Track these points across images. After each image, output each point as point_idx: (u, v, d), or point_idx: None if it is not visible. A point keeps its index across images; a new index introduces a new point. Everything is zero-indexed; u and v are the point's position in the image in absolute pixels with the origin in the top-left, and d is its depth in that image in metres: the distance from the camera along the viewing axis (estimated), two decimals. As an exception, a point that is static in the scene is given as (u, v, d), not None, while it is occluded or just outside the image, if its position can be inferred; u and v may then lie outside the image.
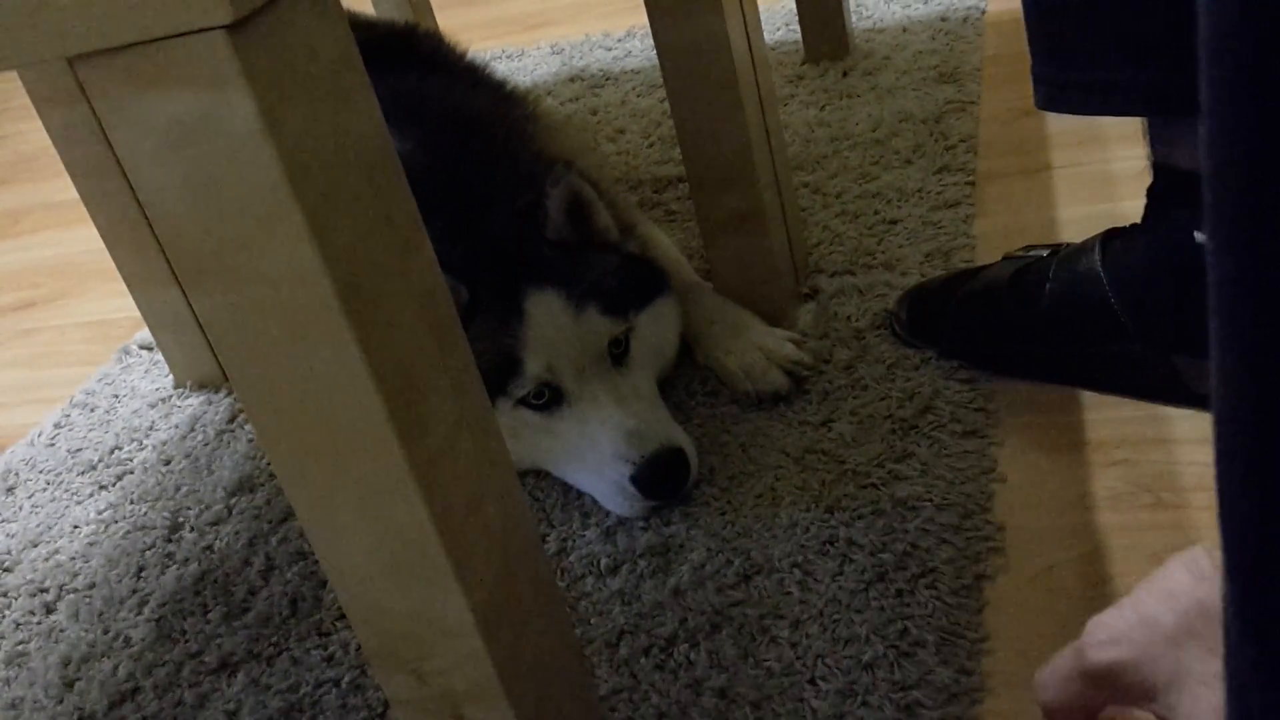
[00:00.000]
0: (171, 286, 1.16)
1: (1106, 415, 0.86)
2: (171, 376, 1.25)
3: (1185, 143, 0.77)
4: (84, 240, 1.68)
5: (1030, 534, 0.78)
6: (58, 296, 1.61)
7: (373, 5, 1.81)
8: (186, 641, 0.88)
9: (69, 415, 1.25)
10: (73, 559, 1.02)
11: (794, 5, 1.54)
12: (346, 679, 0.80)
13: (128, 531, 1.03)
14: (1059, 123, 1.24)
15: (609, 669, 0.75)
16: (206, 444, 1.13)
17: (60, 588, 0.98)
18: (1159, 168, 0.80)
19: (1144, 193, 0.82)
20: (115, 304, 1.49)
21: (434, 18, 1.85)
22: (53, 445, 1.20)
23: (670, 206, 1.31)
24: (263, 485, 1.04)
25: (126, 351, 1.35)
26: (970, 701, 0.67)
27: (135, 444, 1.16)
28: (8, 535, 1.08)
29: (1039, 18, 0.78)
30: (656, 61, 0.97)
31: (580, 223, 0.94)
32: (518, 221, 0.93)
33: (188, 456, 1.12)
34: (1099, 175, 1.14)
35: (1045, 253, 0.91)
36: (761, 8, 1.10)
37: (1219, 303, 0.34)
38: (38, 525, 1.08)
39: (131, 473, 1.12)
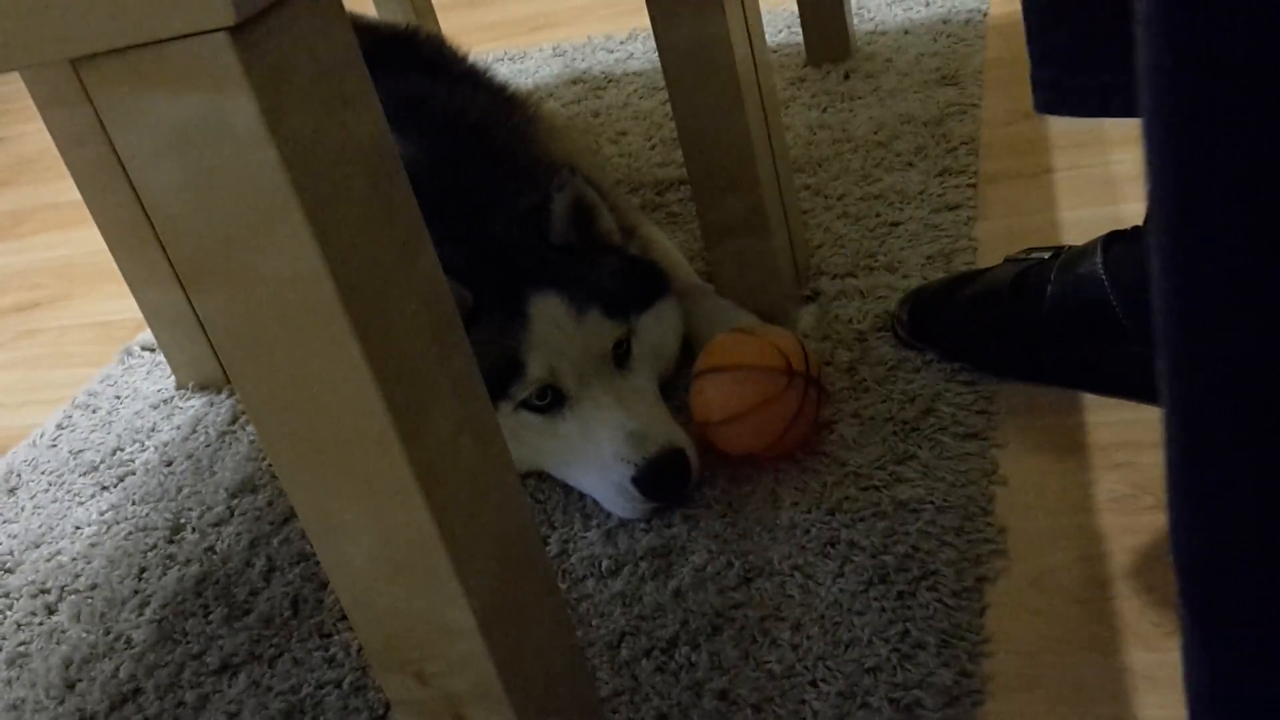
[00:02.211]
0: (173, 287, 1.16)
1: (1108, 418, 0.86)
2: (173, 378, 1.25)
3: None
4: (86, 241, 1.68)
5: (1031, 536, 0.78)
6: (60, 297, 1.61)
7: (375, 8, 1.81)
8: (188, 643, 0.88)
9: (71, 416, 1.25)
10: (74, 560, 1.02)
11: (796, 8, 1.55)
12: (348, 680, 0.80)
13: (129, 533, 1.03)
14: (1060, 125, 1.24)
15: (610, 671, 0.75)
16: (208, 445, 1.13)
17: (62, 589, 0.98)
18: (1160, 170, 0.80)
19: (1145, 195, 0.82)
20: (117, 305, 1.49)
21: (436, 20, 1.85)
22: (55, 446, 1.21)
23: (672, 209, 1.31)
24: (264, 486, 1.04)
25: (128, 352, 1.35)
26: (971, 703, 0.67)
27: (137, 445, 1.16)
28: (9, 536, 1.08)
29: (1038, 23, 0.78)
30: (658, 64, 0.97)
31: (583, 226, 0.94)
32: (520, 224, 0.93)
33: (189, 458, 1.12)
34: (1101, 178, 1.14)
35: (1047, 255, 0.91)
36: (763, 10, 1.10)
37: (1155, 276, 0.36)
38: (39, 526, 1.08)
39: (133, 474, 1.12)
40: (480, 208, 0.94)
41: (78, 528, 1.06)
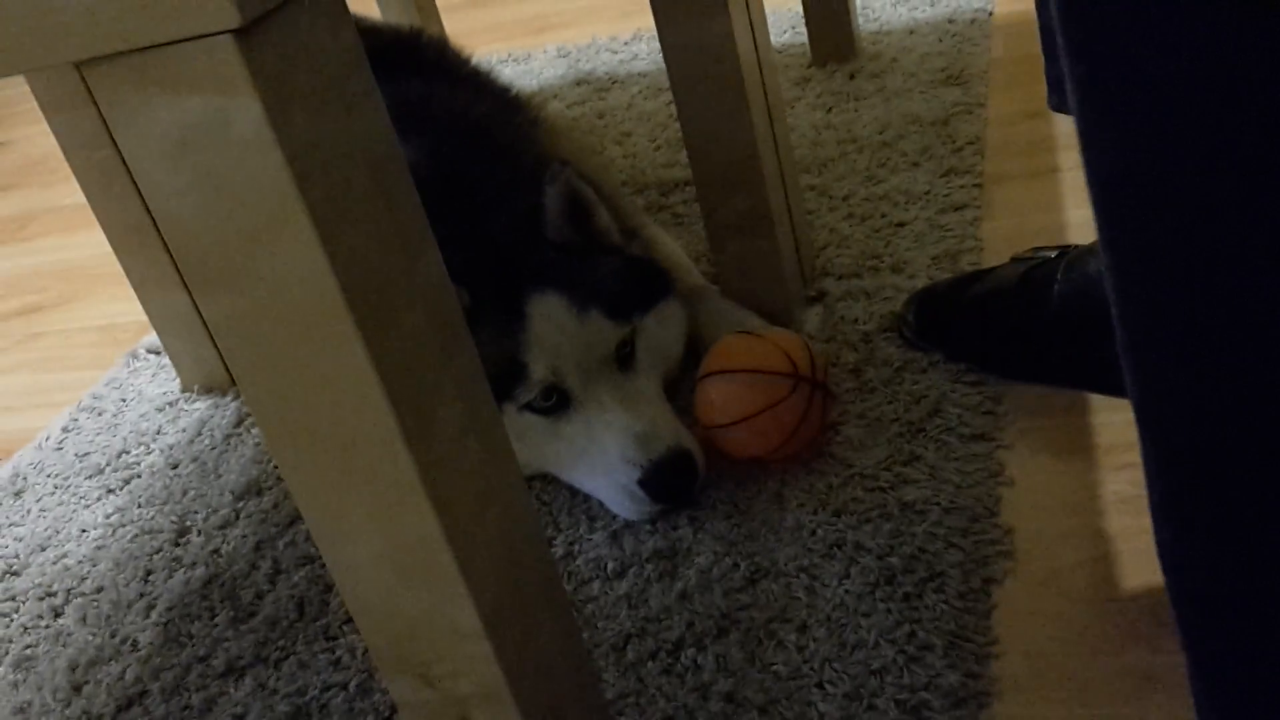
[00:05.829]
0: (178, 290, 1.16)
1: (1115, 418, 0.85)
2: (179, 380, 1.25)
3: None
4: (91, 244, 1.69)
5: (1038, 537, 0.77)
6: (65, 301, 1.61)
7: (379, 10, 1.81)
8: (193, 645, 0.88)
9: (76, 419, 1.25)
10: (80, 563, 1.02)
11: (801, 8, 1.54)
12: (353, 683, 0.80)
13: (135, 535, 1.03)
14: (1066, 124, 1.24)
15: (616, 673, 0.75)
16: (214, 448, 1.13)
17: (68, 591, 0.98)
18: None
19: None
20: (122, 308, 1.49)
21: (440, 22, 1.86)
22: (60, 449, 1.21)
23: (677, 209, 1.31)
24: (270, 489, 1.04)
25: (134, 355, 1.35)
26: (979, 705, 0.67)
27: (143, 448, 1.16)
28: (16, 539, 1.08)
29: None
30: (663, 64, 0.97)
31: (581, 224, 0.94)
32: (519, 224, 0.93)
33: (195, 460, 1.12)
34: (1106, 177, 1.14)
35: (1053, 254, 0.90)
36: (768, 10, 1.10)
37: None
38: (45, 529, 1.08)
39: (139, 477, 1.12)
40: (482, 209, 0.94)
41: (84, 530, 1.06)
